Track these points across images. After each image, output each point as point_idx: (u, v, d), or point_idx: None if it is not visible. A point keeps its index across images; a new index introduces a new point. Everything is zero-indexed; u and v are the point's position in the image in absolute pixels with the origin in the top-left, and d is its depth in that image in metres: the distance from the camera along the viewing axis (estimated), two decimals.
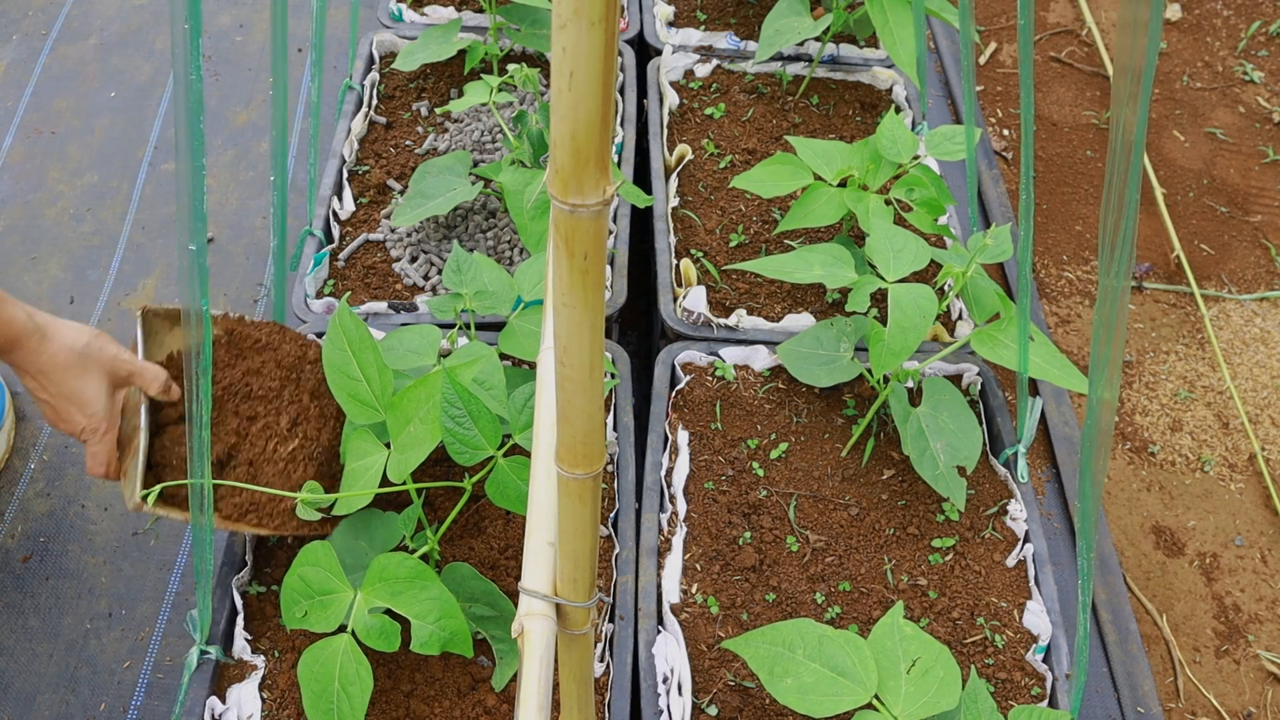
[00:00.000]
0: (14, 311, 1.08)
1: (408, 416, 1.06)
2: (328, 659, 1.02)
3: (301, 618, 1.03)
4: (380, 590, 1.03)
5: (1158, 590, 1.65)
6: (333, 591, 1.04)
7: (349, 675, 1.00)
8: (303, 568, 1.05)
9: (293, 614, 1.04)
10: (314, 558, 1.05)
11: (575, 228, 0.52)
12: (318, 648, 1.03)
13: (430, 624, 1.01)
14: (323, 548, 1.05)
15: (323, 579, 1.04)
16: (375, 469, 1.07)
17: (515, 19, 1.70)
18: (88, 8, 2.30)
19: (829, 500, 1.35)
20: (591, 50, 0.45)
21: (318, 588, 1.04)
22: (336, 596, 1.04)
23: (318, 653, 1.03)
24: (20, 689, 1.38)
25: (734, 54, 1.86)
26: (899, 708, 0.98)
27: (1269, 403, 1.89)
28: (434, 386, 1.04)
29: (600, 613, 1.22)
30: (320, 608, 1.03)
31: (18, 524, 1.53)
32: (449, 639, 1.01)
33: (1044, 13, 2.61)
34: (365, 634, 1.02)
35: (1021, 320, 1.27)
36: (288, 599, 1.05)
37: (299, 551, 1.07)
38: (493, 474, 1.07)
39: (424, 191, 1.51)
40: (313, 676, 1.01)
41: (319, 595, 1.04)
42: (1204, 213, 2.20)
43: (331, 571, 1.04)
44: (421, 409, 1.05)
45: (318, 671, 1.01)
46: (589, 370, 0.59)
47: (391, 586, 1.02)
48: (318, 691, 1.01)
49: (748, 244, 1.61)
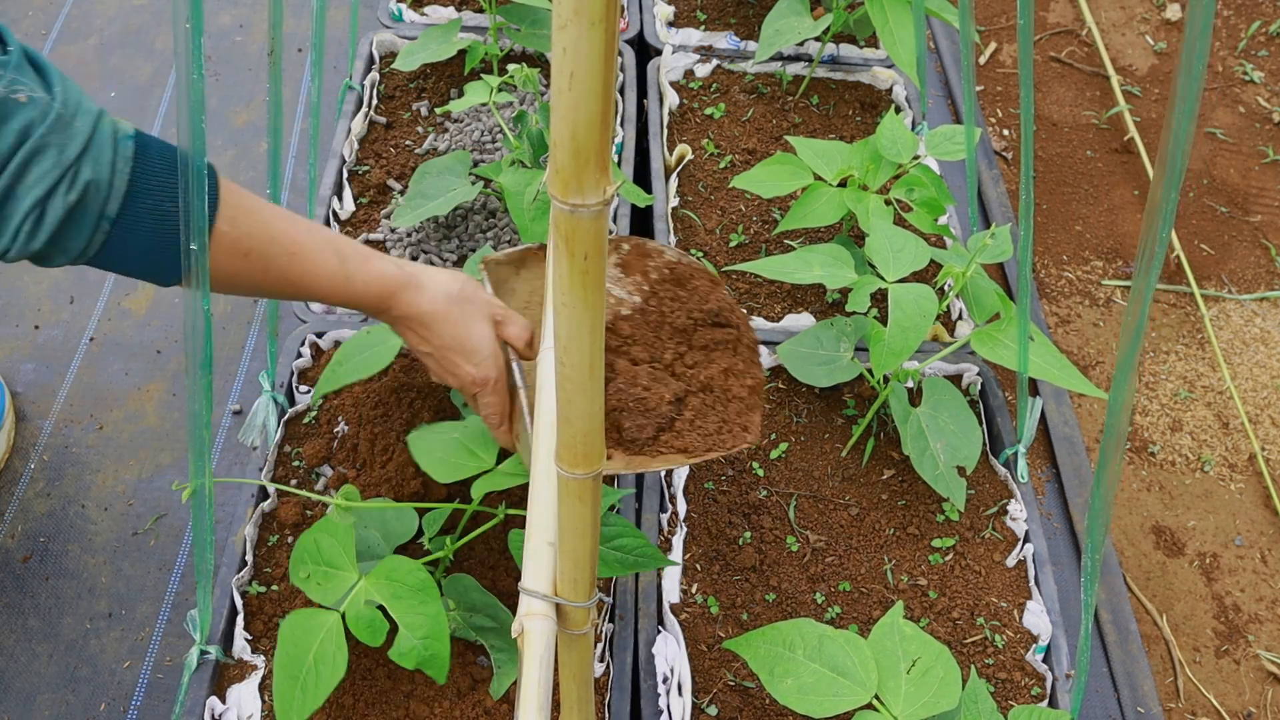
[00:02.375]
0: (383, 265, 1.01)
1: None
2: (311, 630, 1.01)
3: (304, 579, 1.03)
4: (382, 588, 1.03)
5: (1158, 590, 1.65)
6: (339, 569, 1.03)
7: (325, 654, 1.00)
8: (319, 534, 1.04)
9: (297, 572, 1.04)
10: (333, 530, 1.04)
11: (575, 228, 0.52)
12: (306, 614, 1.02)
13: (416, 638, 1.01)
14: (343, 527, 1.05)
15: (334, 552, 1.03)
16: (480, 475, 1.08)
17: (515, 19, 1.70)
18: (88, 8, 2.30)
19: (829, 500, 1.35)
20: (592, 50, 0.45)
21: (327, 558, 1.04)
22: (340, 575, 1.03)
23: (304, 620, 1.02)
24: (20, 689, 1.38)
25: (734, 54, 1.86)
26: (899, 708, 0.98)
27: (1269, 403, 1.89)
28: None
29: (600, 613, 1.22)
30: (323, 577, 1.03)
31: (18, 524, 1.53)
32: (427, 659, 1.01)
33: (1044, 13, 2.61)
34: (354, 620, 1.02)
35: (1021, 320, 1.27)
36: (297, 556, 1.04)
37: (320, 519, 1.07)
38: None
39: (424, 192, 1.51)
40: (291, 640, 1.01)
41: (325, 566, 1.03)
42: (1204, 213, 2.20)
43: (344, 549, 1.04)
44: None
45: (298, 637, 1.01)
46: (589, 370, 0.59)
47: (394, 589, 1.02)
48: (292, 657, 1.00)
49: (748, 244, 1.61)
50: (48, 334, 1.75)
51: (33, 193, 0.78)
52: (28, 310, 1.79)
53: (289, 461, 1.35)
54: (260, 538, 1.28)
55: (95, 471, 1.59)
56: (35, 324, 1.77)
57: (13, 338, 1.75)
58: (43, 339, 1.75)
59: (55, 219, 0.79)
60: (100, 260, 0.86)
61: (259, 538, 1.28)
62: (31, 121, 0.77)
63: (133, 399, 1.68)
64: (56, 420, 1.65)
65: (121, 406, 1.67)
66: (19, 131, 0.77)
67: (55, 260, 0.83)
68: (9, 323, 1.77)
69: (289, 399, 1.39)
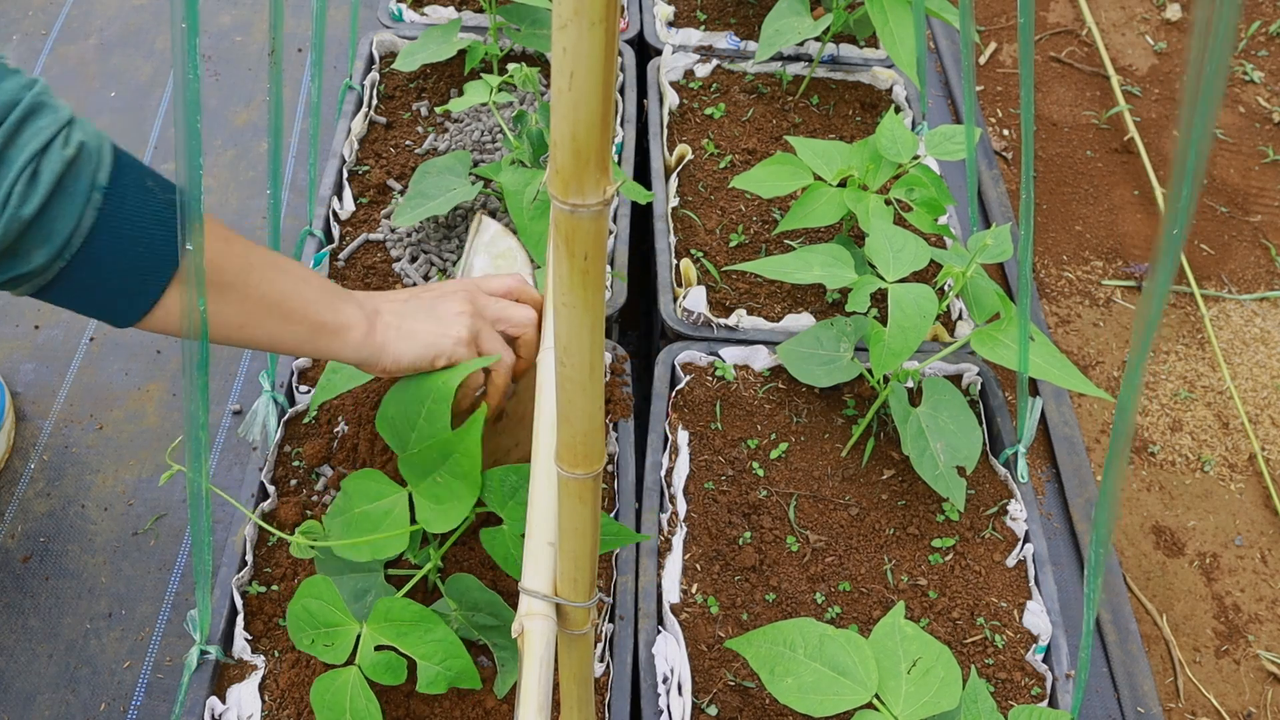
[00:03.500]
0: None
1: (432, 465, 1.03)
2: (338, 690, 1.04)
3: (310, 644, 1.04)
4: (385, 630, 1.03)
5: (1158, 590, 1.65)
6: (337, 625, 1.04)
7: (359, 709, 1.02)
8: (305, 599, 1.04)
9: (301, 640, 1.05)
10: (316, 591, 1.04)
11: (575, 228, 0.52)
12: (329, 678, 1.04)
13: (436, 664, 1.03)
14: (323, 582, 1.05)
15: (326, 612, 1.04)
16: (396, 513, 1.05)
17: (515, 19, 1.70)
18: (88, 8, 2.30)
19: (829, 500, 1.35)
20: (592, 50, 0.45)
21: (322, 620, 1.04)
22: (342, 630, 1.04)
23: (329, 683, 1.04)
24: (20, 689, 1.38)
25: (734, 54, 1.86)
26: (899, 707, 0.98)
27: (1269, 403, 1.89)
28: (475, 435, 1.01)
29: (600, 613, 1.22)
30: (327, 638, 1.04)
31: (18, 524, 1.53)
32: (455, 677, 1.03)
33: (1044, 13, 2.61)
34: (372, 670, 1.03)
35: (1021, 320, 1.27)
36: (294, 627, 1.05)
37: (301, 583, 1.07)
38: (496, 528, 1.07)
39: (424, 191, 1.51)
40: (325, 705, 1.03)
41: (324, 628, 1.04)
42: (1204, 213, 2.20)
43: (333, 605, 1.04)
44: (463, 465, 1.01)
45: (330, 701, 1.03)
46: (589, 370, 0.59)
47: (396, 628, 1.03)
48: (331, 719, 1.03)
49: (748, 244, 1.61)
50: (48, 334, 1.75)
51: (29, 147, 0.75)
52: (28, 310, 1.79)
53: (289, 461, 1.35)
54: (260, 537, 1.28)
55: (95, 471, 1.59)
56: (35, 324, 1.77)
57: (13, 338, 1.75)
58: (43, 339, 1.75)
59: (51, 176, 0.76)
60: (81, 263, 0.80)
61: (259, 537, 1.28)
62: (23, 85, 0.76)
63: (133, 399, 1.68)
64: (56, 420, 1.65)
65: (121, 406, 1.67)
66: (14, 90, 0.76)
67: (34, 256, 0.77)
68: (9, 323, 1.77)
69: (289, 399, 1.39)
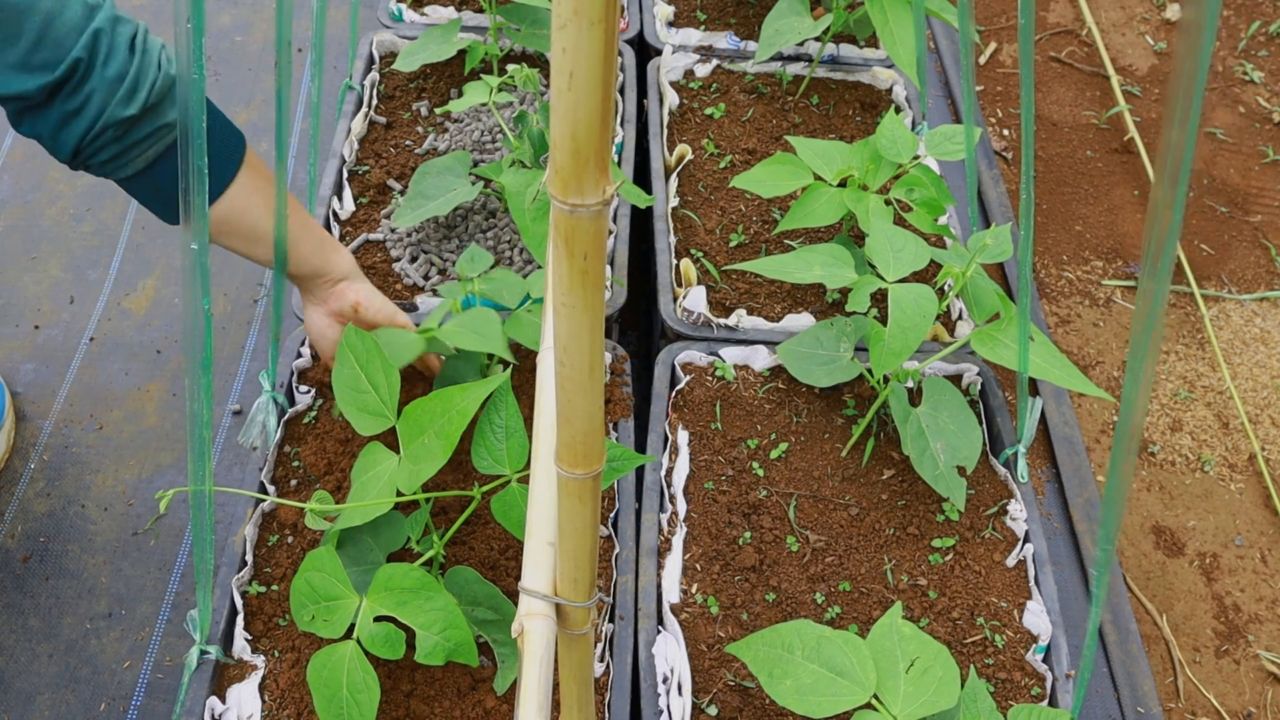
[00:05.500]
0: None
1: (421, 427, 1.06)
2: (335, 665, 1.03)
3: (309, 621, 1.04)
4: (385, 599, 1.03)
5: (1158, 590, 1.65)
6: (338, 598, 1.04)
7: (356, 682, 1.02)
8: (309, 573, 1.05)
9: (301, 617, 1.05)
10: (319, 564, 1.05)
11: (575, 228, 0.52)
12: (325, 654, 1.04)
13: (435, 634, 1.02)
14: (328, 554, 1.05)
15: (328, 585, 1.04)
16: (386, 477, 1.07)
17: (515, 19, 1.70)
18: None
19: (829, 500, 1.35)
20: (591, 50, 0.45)
21: (323, 593, 1.04)
22: (342, 603, 1.04)
23: (325, 658, 1.04)
24: (20, 689, 1.38)
25: (734, 54, 1.86)
26: (898, 707, 0.98)
27: (1269, 403, 1.89)
28: (450, 400, 1.05)
29: (600, 613, 1.22)
30: (326, 613, 1.04)
31: (18, 524, 1.53)
32: (454, 649, 1.02)
33: (1044, 13, 2.61)
34: (370, 642, 1.02)
35: (1021, 320, 1.27)
36: (296, 602, 1.05)
37: (305, 556, 1.07)
38: (503, 492, 1.07)
39: (424, 192, 1.51)
40: (322, 682, 1.03)
41: (325, 601, 1.04)
42: (1204, 213, 2.20)
43: (337, 578, 1.04)
44: (437, 422, 1.04)
45: (326, 677, 1.03)
46: (589, 370, 0.59)
47: (397, 596, 1.03)
48: (328, 696, 1.02)
49: (748, 244, 1.61)
50: (48, 334, 1.76)
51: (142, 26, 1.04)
52: (28, 310, 1.79)
53: (289, 462, 1.35)
54: (260, 538, 1.28)
55: (95, 471, 1.59)
56: (35, 324, 1.77)
57: (13, 338, 1.75)
58: (43, 339, 1.75)
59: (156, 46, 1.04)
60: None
61: (259, 538, 1.28)
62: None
63: (133, 399, 1.68)
64: (56, 420, 1.65)
65: (121, 406, 1.67)
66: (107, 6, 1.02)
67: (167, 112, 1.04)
68: (9, 323, 1.77)
69: (289, 399, 1.39)
